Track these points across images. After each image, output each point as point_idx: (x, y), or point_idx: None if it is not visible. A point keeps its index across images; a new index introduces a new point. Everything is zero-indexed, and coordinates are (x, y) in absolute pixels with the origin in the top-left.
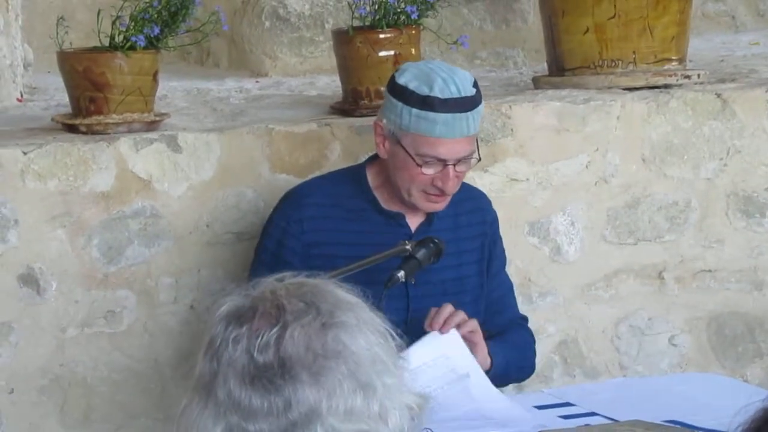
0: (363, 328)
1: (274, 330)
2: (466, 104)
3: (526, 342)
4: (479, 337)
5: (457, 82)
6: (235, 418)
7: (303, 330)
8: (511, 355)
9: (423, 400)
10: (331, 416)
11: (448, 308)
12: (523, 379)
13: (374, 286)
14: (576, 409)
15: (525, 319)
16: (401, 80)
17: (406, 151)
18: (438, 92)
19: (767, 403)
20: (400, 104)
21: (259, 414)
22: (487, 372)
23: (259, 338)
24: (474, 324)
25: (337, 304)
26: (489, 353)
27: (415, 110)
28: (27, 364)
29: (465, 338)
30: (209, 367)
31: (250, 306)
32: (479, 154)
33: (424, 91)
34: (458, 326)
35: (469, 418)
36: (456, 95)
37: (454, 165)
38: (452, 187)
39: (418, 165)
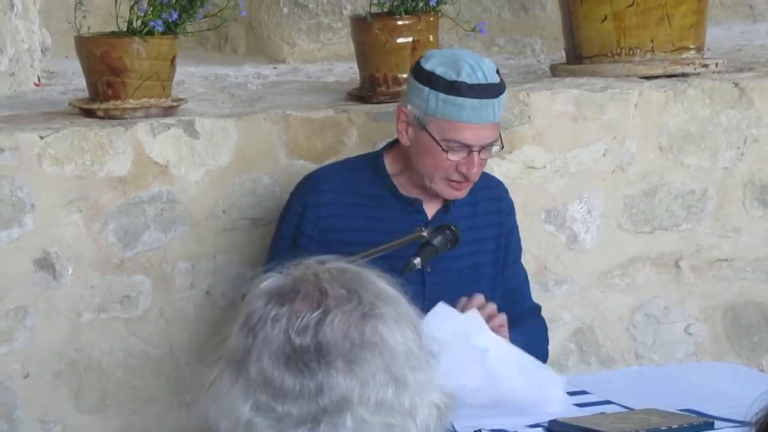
0: (401, 322)
1: (315, 314)
2: (493, 91)
3: (542, 332)
4: (506, 331)
5: (483, 68)
6: (264, 397)
7: (344, 317)
8: (530, 346)
9: (449, 399)
10: (362, 407)
11: (480, 298)
12: None
13: (390, 273)
14: (591, 397)
15: (539, 308)
16: (428, 66)
17: (432, 137)
18: (466, 77)
19: None
20: (426, 89)
21: (290, 395)
22: None
23: (299, 320)
24: (503, 318)
25: (378, 294)
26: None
27: (442, 95)
28: (42, 349)
29: (493, 331)
30: (244, 343)
31: (292, 287)
32: (502, 142)
33: (451, 76)
34: (488, 318)
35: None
36: (483, 81)
37: (479, 152)
38: (476, 174)
39: (444, 150)
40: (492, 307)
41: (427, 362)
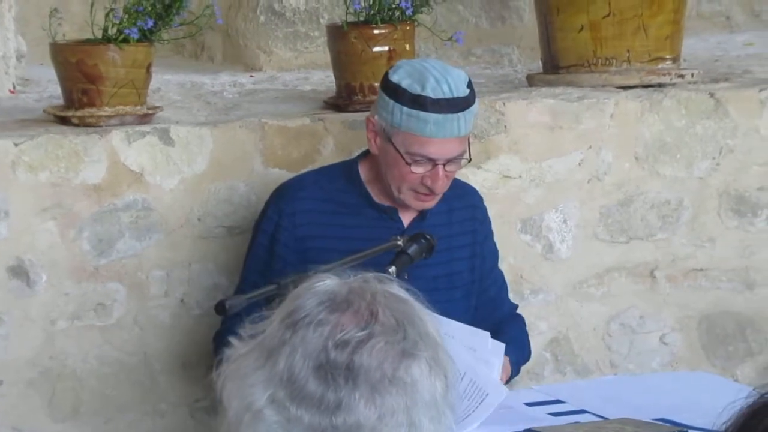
0: (435, 370)
1: (360, 333)
2: (458, 105)
3: (523, 335)
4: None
5: (450, 82)
6: (282, 393)
7: (384, 347)
8: (518, 354)
9: None
10: None
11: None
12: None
13: None
14: (566, 407)
15: (516, 307)
16: (394, 78)
17: (397, 149)
18: (430, 92)
19: (752, 400)
20: (392, 102)
21: (307, 400)
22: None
23: (342, 333)
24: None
25: (423, 336)
26: (510, 362)
27: (406, 109)
28: (16, 357)
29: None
30: (281, 334)
31: (346, 298)
32: (470, 155)
33: (416, 89)
34: None
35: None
36: (448, 95)
37: (444, 165)
38: (441, 187)
39: (408, 163)
40: None
41: (445, 415)
